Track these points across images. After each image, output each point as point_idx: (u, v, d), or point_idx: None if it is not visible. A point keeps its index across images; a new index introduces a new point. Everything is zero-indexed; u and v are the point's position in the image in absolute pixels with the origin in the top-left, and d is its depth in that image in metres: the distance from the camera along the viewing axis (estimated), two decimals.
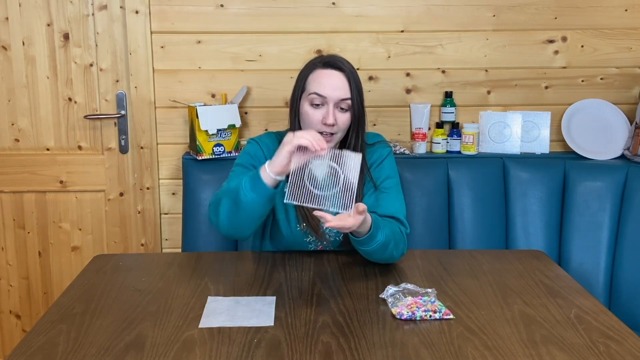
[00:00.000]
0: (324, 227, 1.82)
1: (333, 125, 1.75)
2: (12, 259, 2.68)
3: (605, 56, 2.59)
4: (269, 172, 1.61)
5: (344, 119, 1.77)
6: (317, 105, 1.76)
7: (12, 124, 2.60)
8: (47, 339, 1.37)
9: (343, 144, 1.84)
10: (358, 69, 2.54)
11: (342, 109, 1.76)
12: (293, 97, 1.83)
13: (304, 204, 1.54)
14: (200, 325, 1.42)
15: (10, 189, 2.63)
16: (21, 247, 2.67)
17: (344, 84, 1.75)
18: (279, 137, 1.89)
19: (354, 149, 1.79)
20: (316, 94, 1.75)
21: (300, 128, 1.79)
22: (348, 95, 1.75)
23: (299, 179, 1.56)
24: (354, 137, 1.82)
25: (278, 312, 1.49)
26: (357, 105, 1.77)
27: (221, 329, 1.41)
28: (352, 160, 1.58)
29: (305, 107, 1.77)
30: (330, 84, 1.75)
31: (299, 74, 1.85)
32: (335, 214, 1.56)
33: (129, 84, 2.55)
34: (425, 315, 1.46)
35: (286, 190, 1.55)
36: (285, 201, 1.54)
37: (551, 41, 2.57)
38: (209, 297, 1.58)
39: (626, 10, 2.56)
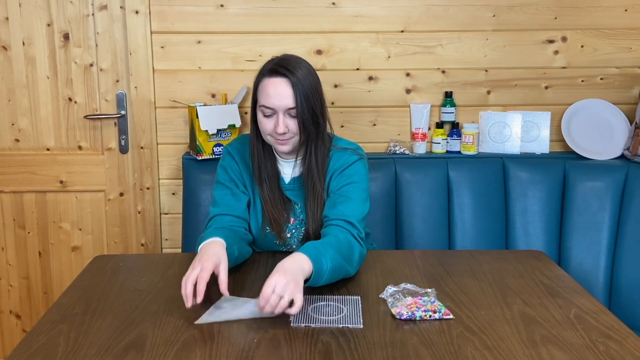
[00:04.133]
0: (287, 235, 1.85)
1: (285, 133, 1.75)
2: (12, 259, 2.68)
3: (605, 56, 2.59)
4: None
5: (296, 123, 1.76)
6: (269, 115, 1.75)
7: (12, 124, 2.60)
8: (47, 339, 1.37)
9: (307, 151, 1.80)
10: (358, 69, 2.55)
11: (292, 116, 1.74)
12: (252, 104, 1.82)
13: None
14: (201, 325, 1.42)
15: (10, 189, 2.63)
16: (21, 247, 2.68)
17: (289, 92, 1.71)
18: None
19: (317, 160, 1.78)
20: (264, 106, 1.74)
21: (258, 134, 1.81)
22: (293, 104, 1.72)
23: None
24: (313, 146, 1.78)
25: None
26: (303, 113, 1.72)
27: (221, 329, 1.41)
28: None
29: (259, 116, 1.77)
30: (276, 94, 1.72)
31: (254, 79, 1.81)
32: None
33: (129, 84, 2.55)
34: (425, 315, 1.46)
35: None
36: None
37: (551, 41, 2.57)
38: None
39: (626, 10, 2.56)
